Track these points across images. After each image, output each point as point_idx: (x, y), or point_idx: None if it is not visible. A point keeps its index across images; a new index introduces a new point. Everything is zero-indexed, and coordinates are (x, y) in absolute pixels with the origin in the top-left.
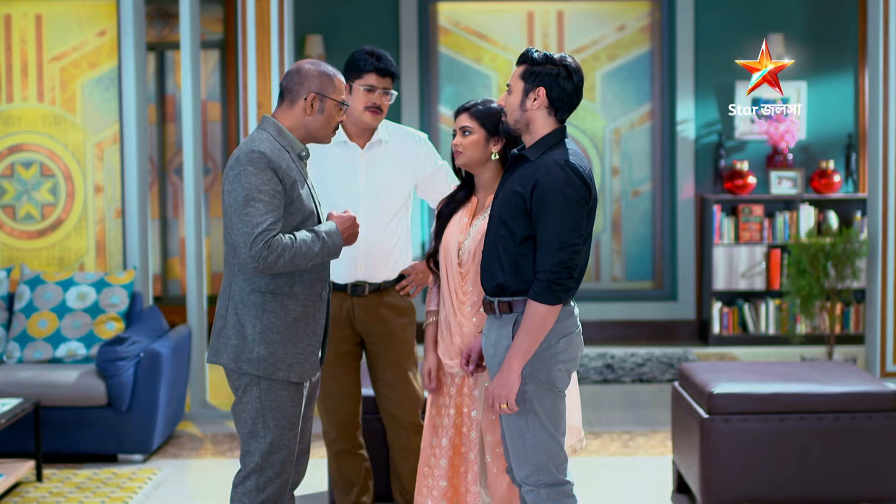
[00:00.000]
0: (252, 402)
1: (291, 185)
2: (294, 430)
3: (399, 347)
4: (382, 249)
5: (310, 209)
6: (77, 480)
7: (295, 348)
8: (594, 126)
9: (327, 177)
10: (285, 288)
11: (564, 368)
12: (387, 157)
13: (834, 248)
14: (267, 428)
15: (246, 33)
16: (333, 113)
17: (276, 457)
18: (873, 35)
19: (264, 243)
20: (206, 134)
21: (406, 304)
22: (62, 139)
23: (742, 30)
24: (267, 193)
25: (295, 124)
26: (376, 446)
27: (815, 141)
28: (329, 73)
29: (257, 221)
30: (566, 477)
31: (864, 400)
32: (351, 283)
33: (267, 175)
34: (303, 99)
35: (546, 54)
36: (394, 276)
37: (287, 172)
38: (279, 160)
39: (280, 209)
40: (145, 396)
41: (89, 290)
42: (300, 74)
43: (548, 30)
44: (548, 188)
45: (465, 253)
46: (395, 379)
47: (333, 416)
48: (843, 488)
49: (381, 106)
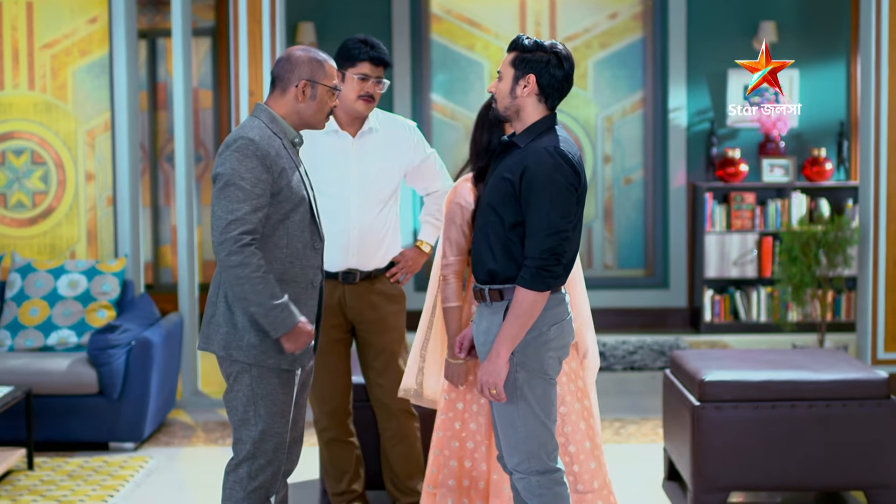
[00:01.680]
0: (243, 390)
1: (280, 173)
2: (286, 418)
3: (390, 334)
4: (373, 237)
5: (300, 196)
6: (68, 468)
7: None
8: (586, 114)
9: (318, 165)
10: (275, 275)
11: (555, 356)
12: (377, 146)
13: (825, 236)
14: (258, 415)
15: (237, 21)
16: (326, 99)
17: (268, 444)
18: (865, 23)
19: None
20: (197, 122)
21: (397, 292)
22: (53, 127)
23: (734, 17)
24: (249, 181)
25: (288, 111)
26: (367, 434)
27: (807, 129)
28: (319, 58)
29: (233, 208)
30: (557, 464)
31: (855, 387)
32: (342, 271)
33: (252, 163)
34: (294, 86)
35: (536, 41)
36: (384, 263)
37: (275, 160)
38: (268, 147)
39: (262, 198)
40: (137, 384)
41: (80, 278)
42: (290, 62)
43: (540, 17)
44: (537, 175)
45: None
46: (386, 366)
47: (324, 404)
48: (834, 475)
49: (373, 95)
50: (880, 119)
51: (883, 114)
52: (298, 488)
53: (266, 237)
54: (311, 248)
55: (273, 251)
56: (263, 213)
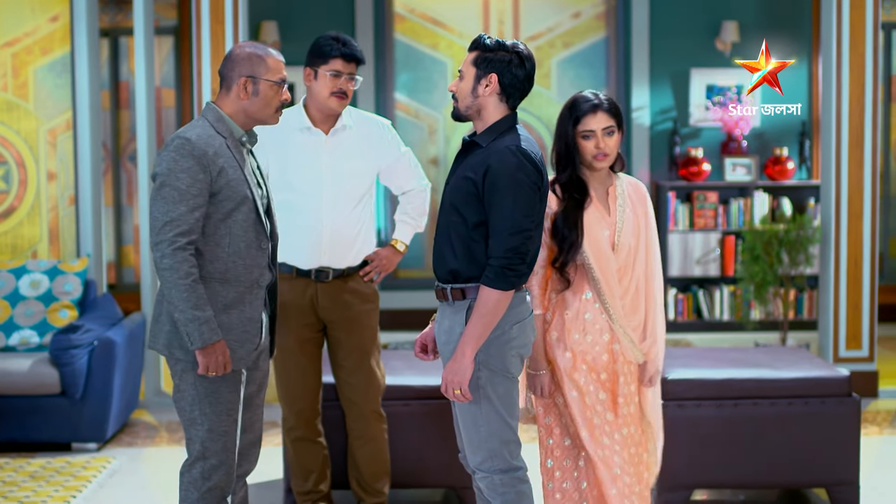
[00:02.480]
0: (188, 389)
1: (219, 172)
2: (232, 417)
3: (362, 333)
4: (346, 236)
5: (242, 194)
6: (31, 469)
7: (227, 336)
8: (550, 113)
9: (291, 163)
10: (217, 274)
11: (517, 354)
12: (350, 143)
13: (787, 235)
14: (204, 414)
15: (200, 19)
16: (271, 94)
17: (217, 444)
18: (826, 23)
19: (172, 242)
20: (160, 121)
21: (370, 291)
22: (14, 126)
23: (697, 17)
24: (184, 181)
25: (234, 110)
26: (334, 433)
27: (769, 128)
28: (259, 53)
29: (168, 209)
30: (519, 462)
31: (817, 385)
32: (315, 269)
33: (188, 162)
34: (236, 84)
35: (498, 41)
36: (357, 262)
37: (213, 159)
38: (206, 146)
39: (199, 198)
40: (99, 384)
41: (42, 277)
42: (231, 59)
43: (503, 17)
44: (500, 174)
45: (620, 245)
46: (357, 365)
47: (293, 403)
48: (797, 473)
49: (346, 91)
50: (841, 118)
51: (844, 113)
52: (262, 488)
53: (208, 236)
54: (256, 248)
55: (215, 250)
56: (200, 212)
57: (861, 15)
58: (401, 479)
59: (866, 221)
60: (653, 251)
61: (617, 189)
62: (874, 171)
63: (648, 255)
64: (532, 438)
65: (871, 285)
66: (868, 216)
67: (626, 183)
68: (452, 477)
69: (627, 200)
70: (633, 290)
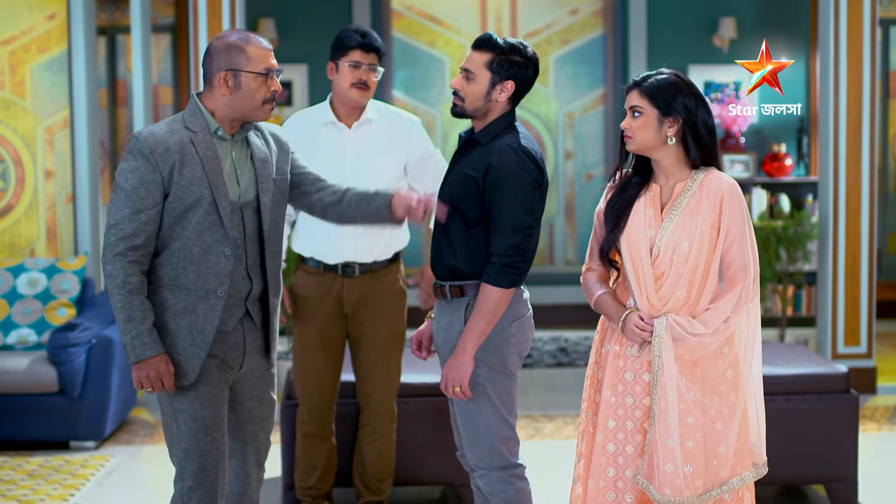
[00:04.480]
0: (164, 403)
1: (171, 170)
2: (210, 435)
3: (386, 331)
4: (371, 230)
5: (196, 195)
6: (29, 468)
7: (171, 347)
8: (547, 110)
9: (316, 158)
10: (167, 280)
11: (516, 351)
12: (375, 137)
13: (786, 231)
14: (180, 432)
15: (197, 17)
16: (254, 86)
17: (192, 465)
18: (824, 19)
19: (114, 247)
20: (157, 118)
21: (398, 288)
22: (12, 124)
23: (694, 14)
24: (132, 182)
25: (218, 106)
26: (343, 432)
27: (767, 125)
28: (237, 44)
29: (115, 212)
30: (518, 460)
31: (815, 382)
32: (341, 264)
33: (136, 161)
34: (216, 78)
35: (509, 42)
36: (386, 256)
37: (164, 156)
38: (156, 143)
39: (146, 199)
40: (97, 383)
41: (40, 276)
42: (209, 53)
43: (501, 13)
44: (502, 171)
45: (661, 250)
46: (377, 362)
47: (308, 398)
48: (795, 469)
49: (367, 82)
50: (839, 115)
51: (842, 109)
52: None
53: (162, 239)
54: (215, 254)
55: (165, 254)
56: (147, 214)
57: (859, 11)
58: (399, 476)
59: (864, 218)
60: (727, 263)
61: (685, 186)
62: (872, 167)
63: (709, 270)
64: (530, 436)
65: (870, 282)
66: (866, 212)
67: (704, 182)
68: (450, 474)
69: (691, 201)
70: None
